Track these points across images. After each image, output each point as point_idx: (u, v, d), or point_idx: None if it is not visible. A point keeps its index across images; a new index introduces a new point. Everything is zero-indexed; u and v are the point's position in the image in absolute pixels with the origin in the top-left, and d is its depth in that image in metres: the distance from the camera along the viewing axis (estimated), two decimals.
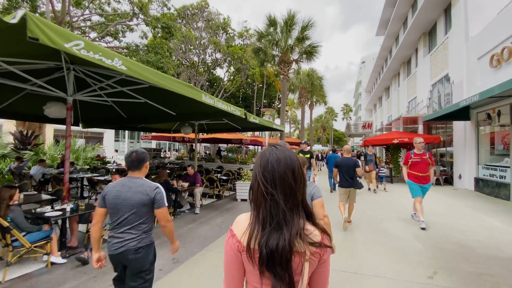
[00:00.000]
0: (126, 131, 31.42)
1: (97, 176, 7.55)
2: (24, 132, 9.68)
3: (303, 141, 7.06)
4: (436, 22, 13.53)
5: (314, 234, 0.88)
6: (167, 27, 12.48)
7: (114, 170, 10.31)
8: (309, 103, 25.58)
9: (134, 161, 2.08)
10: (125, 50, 12.75)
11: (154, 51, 12.90)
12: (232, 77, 25.76)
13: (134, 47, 12.83)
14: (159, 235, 3.18)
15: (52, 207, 3.75)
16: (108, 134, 29.98)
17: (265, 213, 0.86)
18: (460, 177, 10.01)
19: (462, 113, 9.43)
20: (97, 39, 12.17)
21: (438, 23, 13.20)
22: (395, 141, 11.25)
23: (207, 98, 4.97)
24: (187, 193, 6.61)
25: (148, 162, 2.19)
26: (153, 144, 34.53)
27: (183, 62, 20.67)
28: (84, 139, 28.33)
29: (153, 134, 15.29)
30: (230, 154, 26.55)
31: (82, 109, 7.71)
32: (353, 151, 31.47)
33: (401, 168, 13.14)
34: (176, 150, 31.63)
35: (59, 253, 3.68)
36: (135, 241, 1.97)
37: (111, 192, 2.01)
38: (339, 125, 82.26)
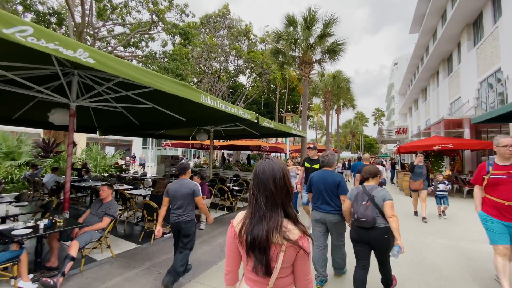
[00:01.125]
0: (154, 139, 32.39)
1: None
2: (47, 141, 9.96)
3: (311, 146, 6.06)
4: (481, 11, 11.77)
5: (293, 232, 1.10)
6: (185, 33, 12.41)
7: (130, 177, 10.17)
8: (335, 107, 24.15)
9: (182, 169, 3.45)
10: (144, 58, 12.93)
11: (172, 58, 12.85)
12: (253, 83, 25.42)
13: (153, 55, 12.92)
14: None
15: (25, 223, 3.33)
16: (137, 142, 31.18)
17: (252, 209, 1.15)
18: None
19: None
20: (118, 49, 12.52)
21: (485, 12, 11.45)
22: (436, 148, 9.71)
23: (207, 99, 4.36)
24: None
25: (190, 170, 3.55)
26: (179, 152, 35.30)
27: (205, 69, 20.72)
28: (114, 147, 29.81)
29: (173, 141, 15.24)
30: (253, 162, 25.97)
31: (96, 117, 7.62)
32: (383, 158, 29.00)
33: (456, 183, 11.24)
34: (199, 158, 31.81)
35: (30, 276, 3.22)
36: (185, 216, 3.23)
37: (171, 188, 3.33)
38: (370, 131, 77.92)
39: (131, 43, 13.55)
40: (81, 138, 26.43)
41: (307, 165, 5.60)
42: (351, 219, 2.84)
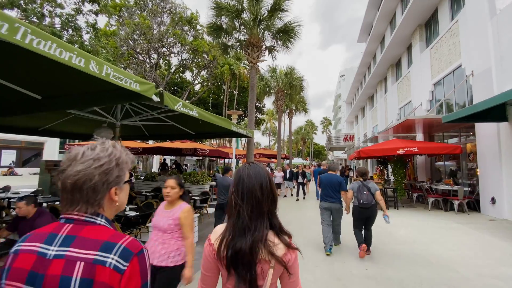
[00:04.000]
0: (75, 141, 26.50)
1: None
2: None
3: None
4: (436, 8, 11.27)
5: (278, 247, 0.99)
6: None
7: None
8: (287, 111, 22.73)
9: (226, 170, 5.28)
10: (26, 21, 9.03)
11: (70, 24, 9.27)
12: (202, 81, 22.67)
13: (39, 15, 9.05)
14: None
15: None
16: (51, 145, 24.98)
17: (235, 221, 1.01)
18: (493, 201, 7.17)
19: (494, 112, 6.74)
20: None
21: (440, 9, 10.93)
22: (401, 152, 8.33)
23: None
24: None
25: (231, 171, 5.37)
26: None
27: (136, 56, 17.15)
28: (15, 151, 23.17)
29: (78, 143, 11.41)
30: (196, 169, 22.68)
31: None
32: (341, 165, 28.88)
33: (404, 187, 10.02)
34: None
35: None
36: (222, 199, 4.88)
37: (218, 179, 5.51)
38: (319, 138, 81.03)
39: (18, 4, 9.52)
40: None
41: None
42: (354, 204, 4.38)
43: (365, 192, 4.19)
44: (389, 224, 4.23)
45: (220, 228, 1.06)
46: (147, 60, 19.09)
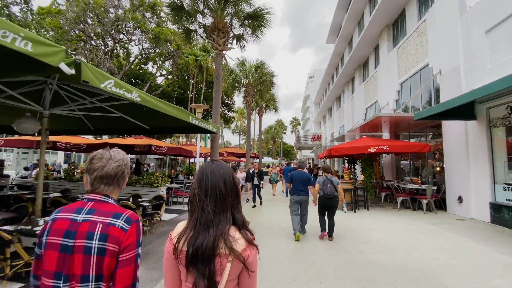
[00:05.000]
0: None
1: None
2: None
3: None
4: (404, 8, 11.38)
5: (238, 242, 0.96)
6: None
7: None
8: (258, 108, 22.04)
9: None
10: None
11: None
12: (166, 73, 21.03)
13: None
14: None
15: None
16: None
17: (197, 216, 0.99)
18: (460, 200, 7.14)
19: (463, 110, 6.69)
20: None
21: (408, 9, 11.02)
22: (372, 150, 8.02)
23: None
24: None
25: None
26: (59, 156, 26.05)
27: (87, 39, 15.09)
28: None
29: (5, 137, 9.39)
30: (153, 169, 21.02)
31: None
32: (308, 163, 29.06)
33: (373, 186, 9.92)
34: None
35: None
36: None
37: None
38: (288, 138, 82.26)
39: None
40: None
41: None
42: (319, 195, 5.18)
43: (329, 184, 5.02)
44: (345, 212, 6.19)
45: (182, 224, 1.05)
46: (102, 46, 17.04)
